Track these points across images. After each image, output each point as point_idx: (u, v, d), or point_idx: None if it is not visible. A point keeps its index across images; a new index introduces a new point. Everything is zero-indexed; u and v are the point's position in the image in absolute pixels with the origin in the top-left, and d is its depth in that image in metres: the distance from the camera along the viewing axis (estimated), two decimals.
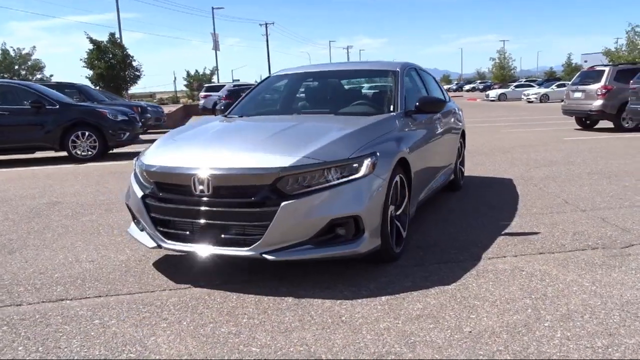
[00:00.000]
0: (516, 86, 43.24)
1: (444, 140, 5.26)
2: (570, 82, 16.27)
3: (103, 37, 32.31)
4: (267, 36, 58.60)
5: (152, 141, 4.21)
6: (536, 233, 4.25)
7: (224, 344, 2.55)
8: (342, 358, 2.37)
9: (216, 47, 41.47)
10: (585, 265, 3.46)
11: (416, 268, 3.52)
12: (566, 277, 3.27)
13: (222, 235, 3.22)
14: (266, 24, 60.96)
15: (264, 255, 3.11)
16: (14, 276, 3.60)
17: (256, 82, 5.80)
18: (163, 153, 3.66)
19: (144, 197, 3.48)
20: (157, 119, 17.75)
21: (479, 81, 78.28)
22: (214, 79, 50.95)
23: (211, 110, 25.54)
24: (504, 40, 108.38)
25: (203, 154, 3.47)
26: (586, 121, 14.33)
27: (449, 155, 5.58)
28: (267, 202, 3.11)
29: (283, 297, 3.09)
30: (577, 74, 15.79)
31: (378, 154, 3.35)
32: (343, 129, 3.64)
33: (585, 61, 54.82)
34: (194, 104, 31.03)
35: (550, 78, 56.94)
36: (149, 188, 3.49)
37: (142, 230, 3.62)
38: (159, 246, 3.41)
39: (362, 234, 3.22)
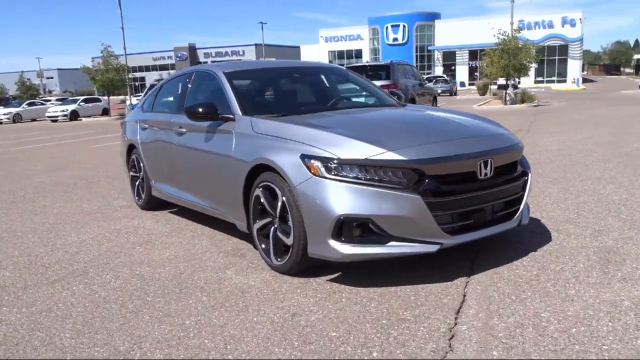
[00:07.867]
0: None
1: None
2: None
3: None
4: None
5: None
6: None
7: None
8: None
9: None
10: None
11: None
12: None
13: (498, 214, 3.30)
14: None
15: (522, 223, 3.45)
16: None
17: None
18: (412, 146, 3.08)
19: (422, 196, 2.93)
20: None
21: None
22: None
23: None
24: None
25: (450, 140, 3.25)
26: None
27: None
28: (518, 175, 3.45)
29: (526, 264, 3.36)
30: None
31: None
32: (460, 116, 3.98)
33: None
34: None
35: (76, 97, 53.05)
36: (418, 185, 2.93)
37: (386, 242, 2.92)
38: (440, 246, 2.97)
39: None
